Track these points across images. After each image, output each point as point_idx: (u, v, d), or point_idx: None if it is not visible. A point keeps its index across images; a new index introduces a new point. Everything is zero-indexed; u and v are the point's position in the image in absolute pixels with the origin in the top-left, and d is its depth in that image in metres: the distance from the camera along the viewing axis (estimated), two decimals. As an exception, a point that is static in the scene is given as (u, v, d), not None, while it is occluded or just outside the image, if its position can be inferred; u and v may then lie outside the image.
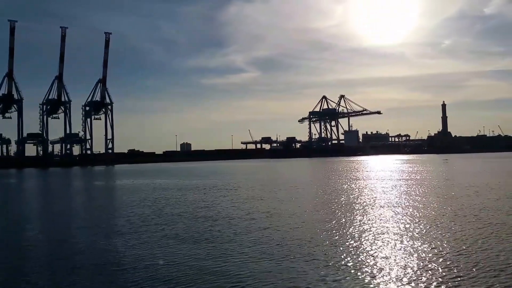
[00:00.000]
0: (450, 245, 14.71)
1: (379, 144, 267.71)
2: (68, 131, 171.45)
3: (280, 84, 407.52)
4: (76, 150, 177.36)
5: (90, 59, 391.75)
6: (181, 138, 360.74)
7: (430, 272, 11.70)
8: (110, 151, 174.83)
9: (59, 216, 26.74)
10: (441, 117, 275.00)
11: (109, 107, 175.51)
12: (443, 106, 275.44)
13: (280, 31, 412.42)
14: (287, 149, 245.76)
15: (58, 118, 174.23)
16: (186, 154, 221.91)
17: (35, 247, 16.74)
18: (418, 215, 21.42)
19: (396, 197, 29.91)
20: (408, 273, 11.73)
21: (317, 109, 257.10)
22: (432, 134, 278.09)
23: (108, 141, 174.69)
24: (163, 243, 16.24)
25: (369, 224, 19.21)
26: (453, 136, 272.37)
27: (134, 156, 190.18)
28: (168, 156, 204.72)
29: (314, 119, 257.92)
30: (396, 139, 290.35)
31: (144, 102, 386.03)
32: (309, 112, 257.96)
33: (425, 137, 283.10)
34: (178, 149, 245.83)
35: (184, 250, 14.98)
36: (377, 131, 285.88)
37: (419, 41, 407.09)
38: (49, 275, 12.82)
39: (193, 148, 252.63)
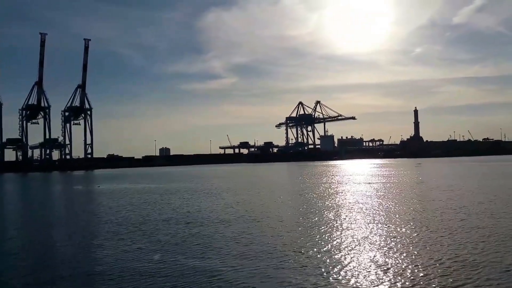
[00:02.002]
0: (429, 246, 15.30)
1: (354, 148, 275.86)
2: (47, 136, 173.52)
3: (257, 90, 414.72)
4: (55, 155, 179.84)
5: (70, 65, 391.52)
6: (160, 143, 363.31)
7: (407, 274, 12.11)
8: (89, 156, 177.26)
9: (41, 221, 26.75)
10: (413, 122, 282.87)
11: (89, 112, 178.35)
12: (415, 111, 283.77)
13: (257, 38, 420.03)
14: (264, 153, 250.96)
15: (38, 123, 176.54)
16: (165, 158, 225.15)
17: (16, 254, 16.61)
18: (396, 216, 22.73)
19: (375, 200, 31.22)
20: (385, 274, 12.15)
21: (294, 114, 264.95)
22: (405, 139, 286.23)
23: (87, 146, 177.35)
24: (149, 248, 16.41)
25: (349, 227, 19.82)
26: (425, 140, 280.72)
27: (114, 161, 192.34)
28: (148, 161, 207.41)
29: (291, 124, 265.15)
30: (370, 144, 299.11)
31: (124, 107, 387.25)
32: (286, 118, 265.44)
33: (398, 142, 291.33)
34: (157, 153, 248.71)
35: (170, 255, 15.18)
36: (351, 136, 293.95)
37: (392, 49, 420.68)
38: (31, 283, 12.61)
39: (172, 153, 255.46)
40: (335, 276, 12.19)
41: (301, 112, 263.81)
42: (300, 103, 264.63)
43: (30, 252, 17.22)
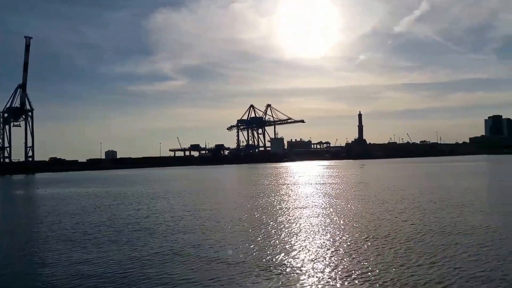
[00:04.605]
0: (373, 243, 16.44)
1: (302, 150, 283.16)
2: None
3: (208, 93, 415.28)
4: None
5: (9, 64, 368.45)
6: (106, 146, 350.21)
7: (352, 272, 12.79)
8: (30, 159, 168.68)
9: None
10: (358, 125, 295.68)
11: (30, 113, 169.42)
12: (359, 115, 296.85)
13: (208, 40, 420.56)
14: (215, 156, 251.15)
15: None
16: (111, 161, 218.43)
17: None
18: (340, 214, 24.52)
19: (321, 199, 33.30)
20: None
21: (245, 117, 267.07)
22: (350, 142, 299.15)
23: (28, 148, 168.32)
24: (113, 256, 16.22)
25: (292, 225, 21.11)
26: (368, 143, 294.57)
27: (56, 164, 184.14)
28: (93, 164, 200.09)
29: (242, 127, 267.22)
30: (318, 146, 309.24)
31: (67, 109, 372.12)
32: (237, 120, 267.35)
33: (343, 144, 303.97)
34: (103, 157, 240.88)
35: (135, 262, 15.24)
36: (300, 139, 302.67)
37: (338, 55, 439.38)
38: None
39: (119, 156, 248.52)
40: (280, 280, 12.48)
41: (252, 115, 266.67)
42: (251, 106, 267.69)
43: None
